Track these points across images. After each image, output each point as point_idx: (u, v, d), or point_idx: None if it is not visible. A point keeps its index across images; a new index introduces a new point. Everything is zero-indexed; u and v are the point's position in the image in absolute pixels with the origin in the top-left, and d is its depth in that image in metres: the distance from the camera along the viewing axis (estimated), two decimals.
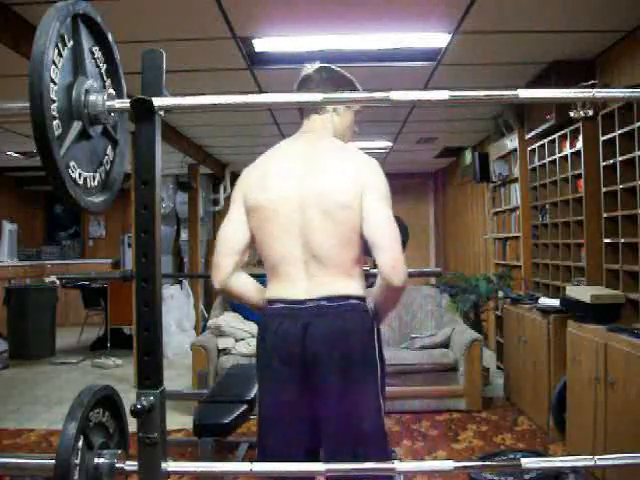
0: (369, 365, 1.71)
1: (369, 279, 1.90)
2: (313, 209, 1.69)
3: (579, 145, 3.93)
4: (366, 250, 1.74)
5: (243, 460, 3.28)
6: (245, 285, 1.82)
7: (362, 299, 1.74)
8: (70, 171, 1.19)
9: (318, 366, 1.66)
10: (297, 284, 1.70)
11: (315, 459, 1.73)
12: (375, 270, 1.76)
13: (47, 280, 7.60)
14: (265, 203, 1.73)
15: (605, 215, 3.53)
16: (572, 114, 3.84)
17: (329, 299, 1.69)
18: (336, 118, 1.88)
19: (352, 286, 1.73)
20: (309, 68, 1.88)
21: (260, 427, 1.76)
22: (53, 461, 1.19)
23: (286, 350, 1.68)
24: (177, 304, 6.71)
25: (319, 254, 1.69)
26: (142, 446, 1.27)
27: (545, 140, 4.55)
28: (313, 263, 1.70)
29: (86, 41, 1.26)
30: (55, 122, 1.13)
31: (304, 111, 1.88)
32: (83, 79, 1.23)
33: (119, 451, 1.33)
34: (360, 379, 1.69)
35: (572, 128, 4.04)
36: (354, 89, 1.87)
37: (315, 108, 1.85)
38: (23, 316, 6.51)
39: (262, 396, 1.76)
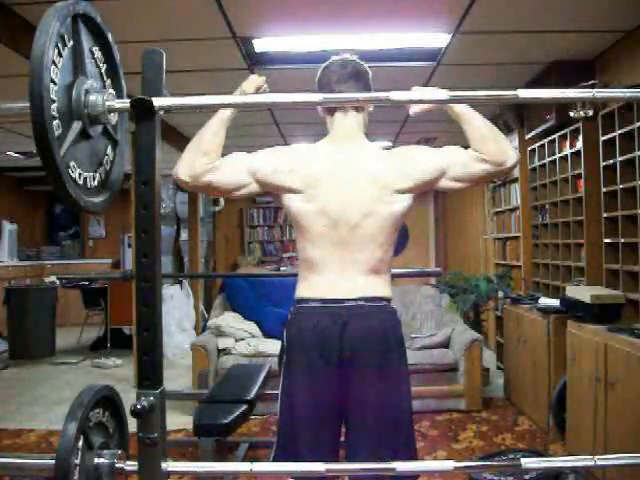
0: (403, 365, 1.74)
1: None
2: (355, 219, 1.70)
3: (579, 145, 3.93)
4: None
5: (243, 460, 3.27)
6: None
7: (390, 300, 1.78)
8: (70, 171, 1.19)
9: (355, 364, 1.67)
10: (335, 284, 1.71)
11: (337, 458, 1.73)
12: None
13: (47, 280, 7.59)
14: (311, 208, 1.71)
15: (605, 215, 3.53)
16: (572, 114, 3.84)
17: (366, 299, 1.71)
18: (366, 116, 1.87)
19: (385, 288, 1.77)
20: (335, 60, 1.85)
21: (287, 423, 1.72)
22: (53, 461, 1.19)
23: (324, 347, 1.68)
24: (177, 304, 6.70)
25: (358, 259, 1.71)
26: (142, 446, 1.27)
27: (545, 140, 4.55)
28: (351, 266, 1.72)
29: (86, 41, 1.26)
30: (55, 122, 1.13)
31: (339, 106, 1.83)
32: (83, 79, 1.23)
33: (119, 451, 1.33)
34: (396, 377, 1.72)
35: (572, 128, 4.04)
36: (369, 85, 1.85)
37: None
38: (23, 316, 6.50)
39: (292, 391, 1.71)
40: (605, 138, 3.51)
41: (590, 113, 3.74)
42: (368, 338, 1.68)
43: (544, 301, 3.95)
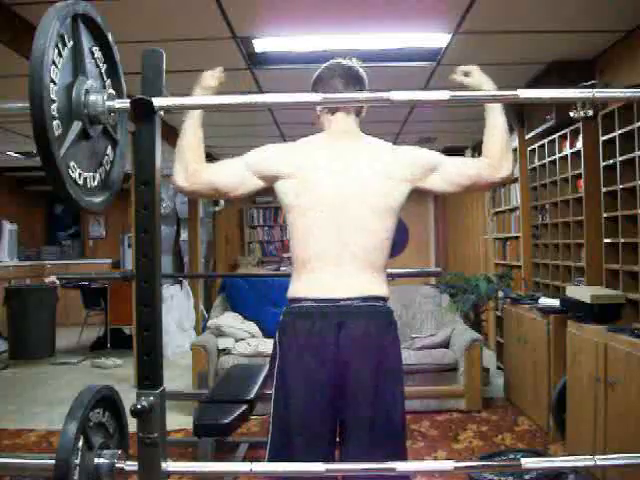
0: (398, 365, 1.73)
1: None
2: (354, 209, 1.70)
3: (579, 145, 3.93)
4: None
5: (243, 460, 3.27)
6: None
7: (387, 299, 1.76)
8: (70, 171, 1.19)
9: (351, 366, 1.65)
10: (330, 283, 1.69)
11: (333, 459, 1.73)
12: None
13: (47, 280, 7.59)
14: (305, 198, 1.71)
15: (605, 215, 3.53)
16: (572, 114, 3.84)
17: (362, 299, 1.69)
18: (362, 116, 1.89)
19: (382, 287, 1.75)
20: (333, 64, 1.86)
21: (281, 425, 1.71)
22: (53, 461, 1.19)
23: (320, 348, 1.66)
24: (177, 304, 6.70)
25: (356, 254, 1.69)
26: (142, 446, 1.27)
27: (545, 140, 4.55)
28: (348, 262, 1.69)
29: (86, 41, 1.26)
30: (55, 122, 1.12)
31: (341, 107, 1.83)
32: (83, 79, 1.23)
33: (119, 451, 1.33)
34: (391, 379, 1.70)
35: (572, 128, 4.04)
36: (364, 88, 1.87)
37: (355, 108, 1.83)
38: (23, 316, 6.51)
39: (287, 394, 1.70)
40: (605, 138, 3.51)
41: (590, 113, 3.74)
42: (364, 340, 1.66)
43: (544, 301, 3.95)
